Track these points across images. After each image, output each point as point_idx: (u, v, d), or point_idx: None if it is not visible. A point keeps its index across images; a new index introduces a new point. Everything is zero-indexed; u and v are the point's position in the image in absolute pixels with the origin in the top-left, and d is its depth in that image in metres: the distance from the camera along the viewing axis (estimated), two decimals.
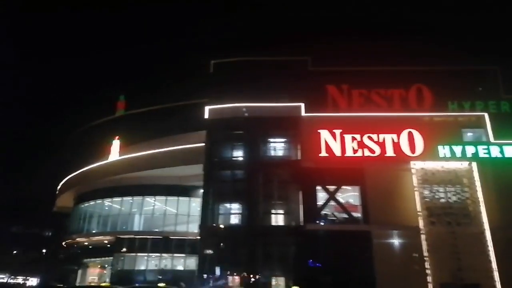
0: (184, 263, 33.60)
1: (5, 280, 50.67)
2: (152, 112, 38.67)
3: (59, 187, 49.21)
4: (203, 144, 33.73)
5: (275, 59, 33.67)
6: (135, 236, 33.91)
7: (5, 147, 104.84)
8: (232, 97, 31.88)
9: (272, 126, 31.40)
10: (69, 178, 43.59)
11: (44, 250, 41.38)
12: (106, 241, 35.18)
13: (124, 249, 33.06)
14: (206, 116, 32.72)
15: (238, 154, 31.60)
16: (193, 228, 34.74)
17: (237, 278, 27.94)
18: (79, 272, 38.98)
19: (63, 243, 42.51)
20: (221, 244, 28.59)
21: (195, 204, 35.52)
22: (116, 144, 41.96)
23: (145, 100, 42.62)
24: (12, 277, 50.25)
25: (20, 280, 50.56)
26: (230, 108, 32.23)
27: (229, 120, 31.84)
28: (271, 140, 32.02)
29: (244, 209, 29.61)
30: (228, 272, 28.63)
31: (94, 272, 38.61)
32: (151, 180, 36.12)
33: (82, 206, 40.41)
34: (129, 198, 35.95)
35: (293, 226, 28.39)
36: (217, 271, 27.57)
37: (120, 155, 39.84)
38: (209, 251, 28.18)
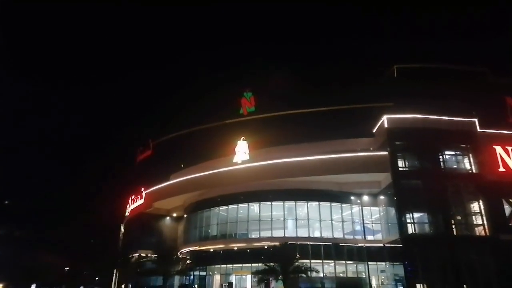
0: (356, 270, 33.51)
1: None
2: (309, 114, 37.60)
3: (157, 187, 46.13)
4: (371, 153, 34.35)
5: (453, 68, 34.91)
6: (307, 243, 33.17)
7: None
8: (411, 105, 32.86)
9: (446, 138, 33.00)
10: (187, 179, 41.12)
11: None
12: (266, 246, 34.02)
13: (298, 255, 32.24)
14: (386, 125, 33.51)
15: (419, 164, 32.52)
16: (358, 235, 34.86)
17: None
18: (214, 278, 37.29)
19: (191, 249, 39.87)
20: (423, 253, 29.35)
21: (355, 211, 35.61)
22: (243, 145, 40.56)
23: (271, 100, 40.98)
24: None
25: None
26: (409, 119, 33.34)
27: (408, 130, 32.93)
28: (447, 152, 33.44)
29: (436, 218, 30.68)
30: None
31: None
32: (300, 185, 35.40)
33: (220, 209, 38.31)
34: (291, 203, 34.94)
35: (489, 236, 30.02)
36: None
37: (251, 157, 38.59)
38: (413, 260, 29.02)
